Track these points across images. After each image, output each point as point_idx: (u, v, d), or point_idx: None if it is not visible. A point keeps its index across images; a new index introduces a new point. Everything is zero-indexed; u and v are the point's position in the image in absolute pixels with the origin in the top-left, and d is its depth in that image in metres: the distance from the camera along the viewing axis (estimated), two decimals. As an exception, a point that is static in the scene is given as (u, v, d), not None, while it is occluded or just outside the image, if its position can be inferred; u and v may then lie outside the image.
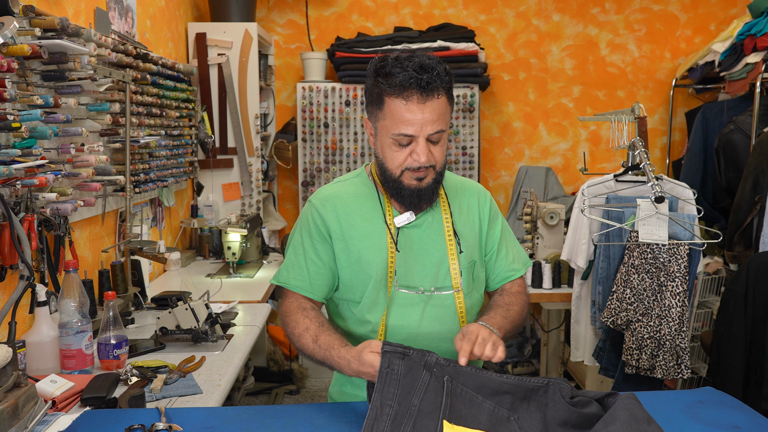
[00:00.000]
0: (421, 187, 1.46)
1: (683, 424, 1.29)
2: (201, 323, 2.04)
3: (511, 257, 1.64)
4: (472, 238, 1.58)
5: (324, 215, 1.53)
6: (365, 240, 1.51)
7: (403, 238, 1.53)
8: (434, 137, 1.41)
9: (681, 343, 2.42)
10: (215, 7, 3.77)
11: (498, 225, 1.63)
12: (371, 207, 1.54)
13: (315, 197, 1.57)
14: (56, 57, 1.93)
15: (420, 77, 1.35)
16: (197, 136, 3.53)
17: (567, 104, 4.42)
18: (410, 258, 1.52)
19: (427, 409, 1.20)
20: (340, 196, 1.55)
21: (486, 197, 1.64)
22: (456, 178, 1.66)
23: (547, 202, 3.43)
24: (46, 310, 1.82)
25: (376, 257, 1.50)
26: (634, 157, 2.63)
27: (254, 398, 3.63)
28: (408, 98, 1.37)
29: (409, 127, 1.39)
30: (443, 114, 1.41)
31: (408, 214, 1.52)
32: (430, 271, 1.53)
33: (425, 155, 1.41)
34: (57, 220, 1.94)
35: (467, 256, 1.55)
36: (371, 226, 1.52)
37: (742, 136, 3.43)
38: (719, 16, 4.33)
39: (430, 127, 1.39)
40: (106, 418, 1.34)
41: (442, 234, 1.54)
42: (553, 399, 1.24)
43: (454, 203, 1.58)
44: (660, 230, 2.43)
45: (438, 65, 1.39)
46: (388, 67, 1.39)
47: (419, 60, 1.38)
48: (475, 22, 4.31)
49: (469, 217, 1.59)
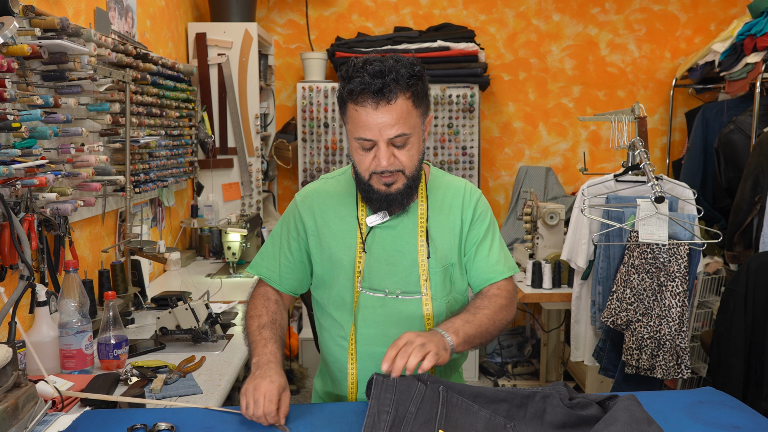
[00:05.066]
0: (390, 192, 1.45)
1: (683, 424, 1.29)
2: (201, 323, 2.04)
3: (494, 259, 1.57)
4: (449, 240, 1.54)
5: (302, 212, 1.58)
6: (337, 238, 1.54)
7: (376, 239, 1.52)
8: (397, 141, 1.39)
9: (681, 343, 2.42)
10: (215, 7, 3.77)
11: (482, 226, 1.58)
12: (347, 205, 1.56)
13: (299, 193, 1.63)
14: (56, 57, 1.93)
15: (372, 83, 1.34)
16: (197, 136, 3.53)
17: (567, 104, 4.42)
18: (380, 260, 1.52)
19: (423, 418, 1.19)
20: (320, 193, 1.59)
21: (472, 198, 1.59)
22: (446, 178, 1.63)
23: (547, 202, 3.43)
24: (46, 310, 1.82)
25: (346, 256, 1.52)
26: (634, 157, 2.63)
27: (254, 398, 3.62)
28: (361, 103, 1.37)
29: (366, 131, 1.38)
30: (403, 117, 1.38)
31: (381, 213, 1.51)
32: (400, 274, 1.51)
33: (386, 159, 1.39)
34: (57, 220, 1.94)
35: (441, 259, 1.52)
36: (344, 224, 1.54)
37: (742, 136, 3.43)
38: (719, 16, 4.33)
39: (389, 131, 1.37)
40: (106, 418, 1.34)
41: (416, 237, 1.52)
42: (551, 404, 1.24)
43: (434, 203, 1.56)
44: (660, 230, 2.43)
45: (402, 68, 1.37)
46: (349, 71, 1.39)
47: (380, 65, 1.37)
48: (475, 22, 4.31)
49: (450, 218, 1.56)
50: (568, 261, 2.78)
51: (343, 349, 1.55)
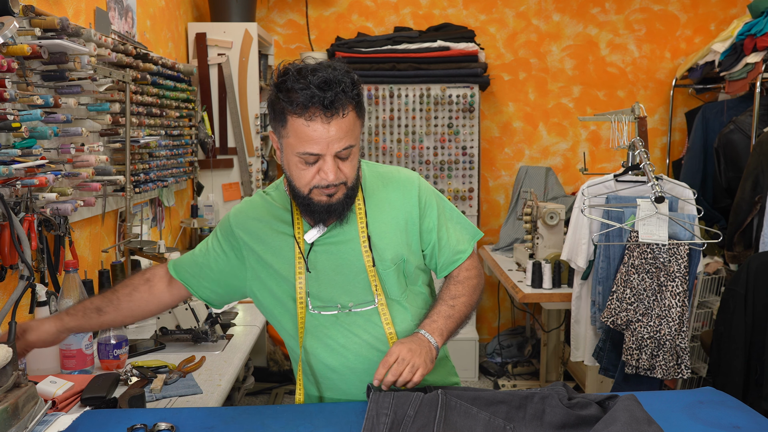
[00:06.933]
0: (332, 203, 1.37)
1: (683, 424, 1.29)
2: (201, 323, 2.04)
3: (455, 240, 1.52)
4: (396, 237, 1.47)
5: (235, 227, 1.51)
6: (276, 253, 1.47)
7: (319, 254, 1.45)
8: (342, 153, 1.32)
9: (681, 343, 2.42)
10: (215, 7, 3.77)
11: (433, 211, 1.51)
12: (283, 220, 1.48)
13: (233, 209, 1.57)
14: (56, 57, 1.93)
15: (323, 96, 1.26)
16: (197, 136, 3.53)
17: (567, 104, 4.42)
18: (327, 274, 1.45)
19: (422, 421, 1.19)
20: (256, 208, 1.52)
21: (412, 187, 1.50)
22: (380, 170, 1.54)
23: (547, 202, 3.43)
24: (46, 310, 1.82)
25: (287, 271, 1.46)
26: (634, 157, 2.63)
27: (254, 398, 3.63)
28: (311, 118, 1.28)
29: (314, 145, 1.29)
30: (351, 129, 1.32)
31: (317, 228, 1.44)
32: (349, 285, 1.45)
33: (333, 173, 1.32)
34: (57, 220, 1.94)
35: (392, 260, 1.45)
36: (281, 239, 1.47)
37: (742, 136, 3.43)
38: (719, 16, 4.33)
39: (337, 144, 1.30)
40: (106, 418, 1.34)
41: (359, 245, 1.44)
42: (550, 404, 1.24)
43: (372, 203, 1.48)
44: (660, 230, 2.43)
45: (344, 77, 1.30)
46: (290, 81, 1.29)
47: (323, 74, 1.28)
48: (475, 22, 4.31)
49: (392, 213, 1.48)
50: (568, 261, 2.78)
51: (295, 363, 1.53)
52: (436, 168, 4.04)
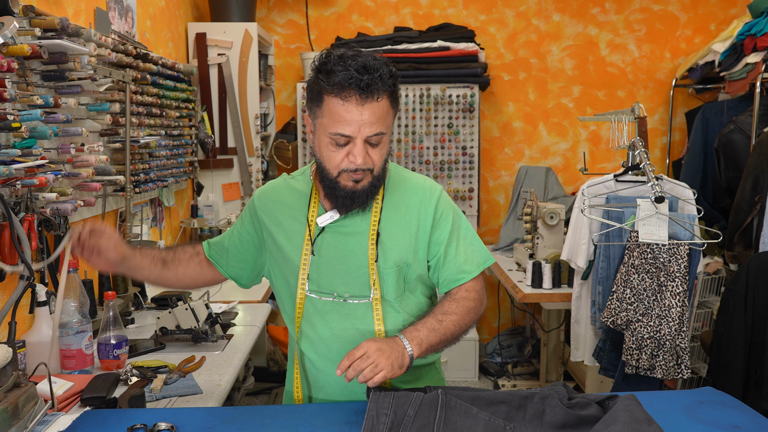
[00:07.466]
0: (357, 189, 1.41)
1: (683, 424, 1.29)
2: (201, 323, 2.04)
3: (462, 259, 1.52)
4: (404, 240, 1.49)
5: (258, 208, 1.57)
6: (288, 237, 1.51)
7: (327, 240, 1.48)
8: (373, 139, 1.37)
9: (681, 343, 2.42)
10: (215, 7, 3.77)
11: (447, 225, 1.52)
12: (301, 205, 1.53)
13: (258, 190, 1.63)
14: (56, 57, 1.93)
15: (360, 78, 1.31)
16: (197, 136, 3.53)
17: (567, 104, 4.42)
18: (331, 261, 1.48)
19: (422, 421, 1.19)
20: (278, 191, 1.57)
21: (432, 196, 1.52)
22: (405, 174, 1.57)
23: (547, 202, 3.44)
24: (46, 310, 1.82)
25: (295, 255, 1.50)
26: (634, 157, 2.63)
27: (254, 398, 3.63)
28: (346, 98, 1.32)
29: (346, 127, 1.34)
30: (383, 116, 1.36)
31: (331, 213, 1.47)
32: (349, 276, 1.47)
33: (362, 157, 1.36)
34: (57, 220, 1.94)
35: (395, 260, 1.47)
36: (296, 224, 1.51)
37: (742, 136, 3.43)
38: (719, 16, 4.33)
39: (369, 128, 1.35)
40: (106, 418, 1.34)
41: (366, 239, 1.47)
42: (550, 404, 1.24)
43: (390, 201, 1.50)
44: (660, 230, 2.43)
45: (383, 67, 1.35)
46: (330, 64, 1.34)
47: (363, 60, 1.33)
48: (475, 22, 4.31)
49: (406, 217, 1.50)
50: (568, 261, 2.78)
51: (291, 353, 1.57)
52: (436, 168, 4.04)
